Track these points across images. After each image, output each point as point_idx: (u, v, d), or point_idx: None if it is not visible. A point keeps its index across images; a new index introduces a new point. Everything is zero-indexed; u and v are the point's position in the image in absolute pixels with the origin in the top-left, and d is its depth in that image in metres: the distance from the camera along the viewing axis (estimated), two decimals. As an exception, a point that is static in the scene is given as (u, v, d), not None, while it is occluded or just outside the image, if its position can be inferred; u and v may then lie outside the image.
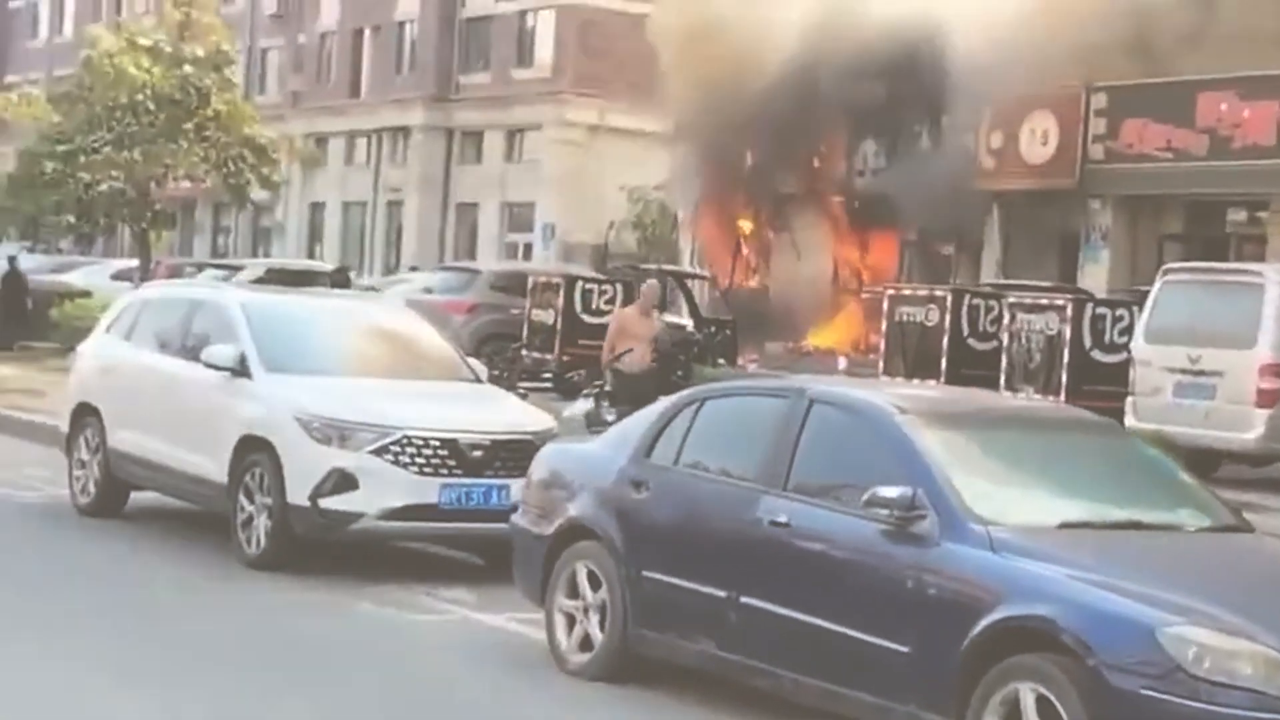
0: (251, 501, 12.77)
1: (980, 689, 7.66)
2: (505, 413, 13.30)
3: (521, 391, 19.22)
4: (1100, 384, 19.78)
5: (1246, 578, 7.93)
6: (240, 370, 13.24)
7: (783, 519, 8.74)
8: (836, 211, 39.86)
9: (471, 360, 14.73)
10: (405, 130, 54.93)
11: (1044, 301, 21.19)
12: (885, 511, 8.20)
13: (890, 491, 8.15)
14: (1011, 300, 21.34)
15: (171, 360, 14.17)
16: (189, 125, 32.10)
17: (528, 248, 50.21)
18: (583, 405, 19.70)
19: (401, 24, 55.74)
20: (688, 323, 27.91)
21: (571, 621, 9.90)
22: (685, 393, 10.24)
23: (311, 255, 55.45)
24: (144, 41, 33.42)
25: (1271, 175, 32.54)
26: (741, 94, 38.79)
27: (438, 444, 12.46)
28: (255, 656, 10.15)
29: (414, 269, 43.00)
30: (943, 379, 21.29)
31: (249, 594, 11.93)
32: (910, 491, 8.13)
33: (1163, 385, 18.57)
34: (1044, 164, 36.24)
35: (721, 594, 8.96)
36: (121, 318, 15.35)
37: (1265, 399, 17.90)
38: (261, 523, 12.69)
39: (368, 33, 57.18)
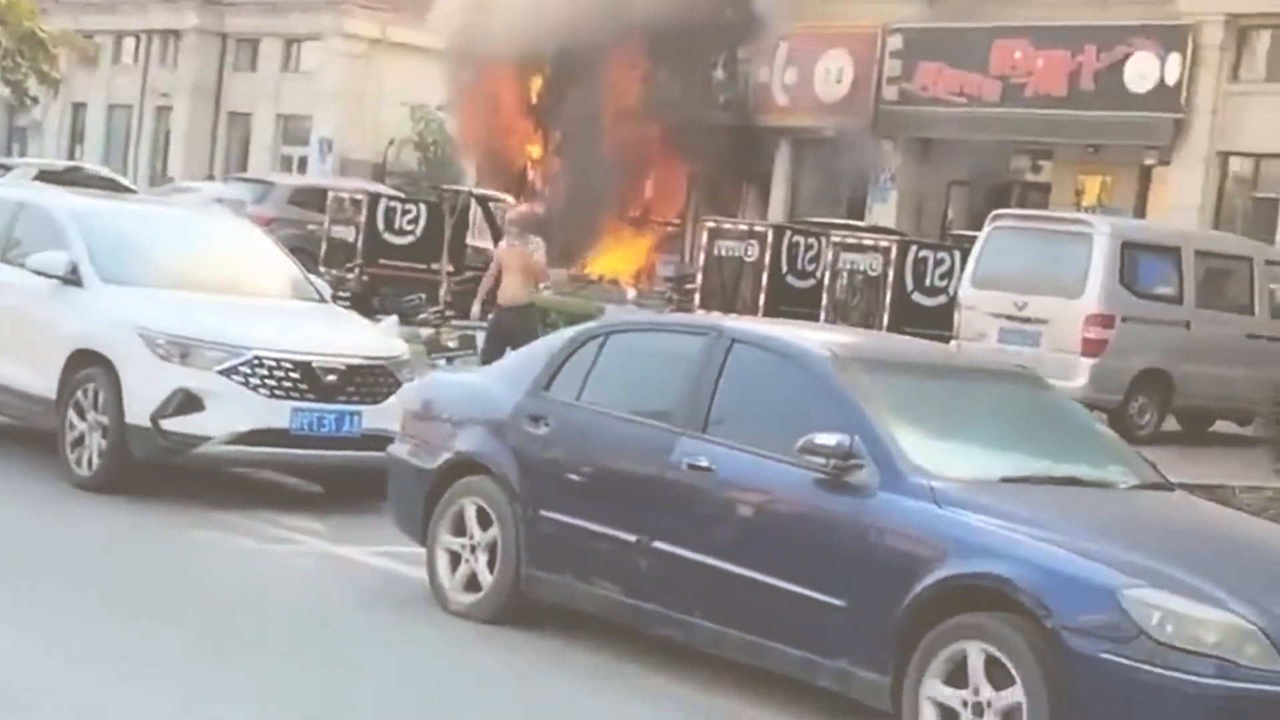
0: (83, 419, 12.03)
1: (923, 646, 7.39)
2: (358, 335, 12.72)
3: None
4: (920, 326, 19.74)
5: (1197, 539, 7.77)
6: (71, 279, 12.46)
7: (703, 463, 8.36)
8: (625, 139, 39.51)
9: (314, 278, 14.09)
10: (176, 33, 53.23)
11: (867, 242, 21.12)
12: (820, 460, 7.86)
13: (827, 439, 7.82)
14: (834, 240, 21.23)
15: (-9, 265, 13.29)
16: (-38, 17, 30.57)
17: (303, 161, 49.04)
18: (389, 325, 19.06)
19: (176, -79, 53.92)
20: (489, 246, 27.35)
21: (456, 560, 9.43)
22: (587, 325, 9.81)
23: (72, 157, 53.52)
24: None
25: (1060, 124, 33.03)
26: (530, 12, 38.25)
27: (290, 366, 11.84)
28: (107, 584, 9.45)
29: (209, 178, 41.67)
30: (760, 314, 21.11)
31: (85, 518, 11.21)
32: (848, 439, 7.80)
33: (987, 330, 18.60)
34: (837, 103, 36.38)
35: (631, 538, 8.56)
36: (-74, 218, 14.34)
37: (1090, 348, 18.02)
38: (94, 442, 11.96)
39: (139, -72, 55.23)
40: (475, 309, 16.84)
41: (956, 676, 7.32)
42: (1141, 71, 31.72)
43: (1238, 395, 19.17)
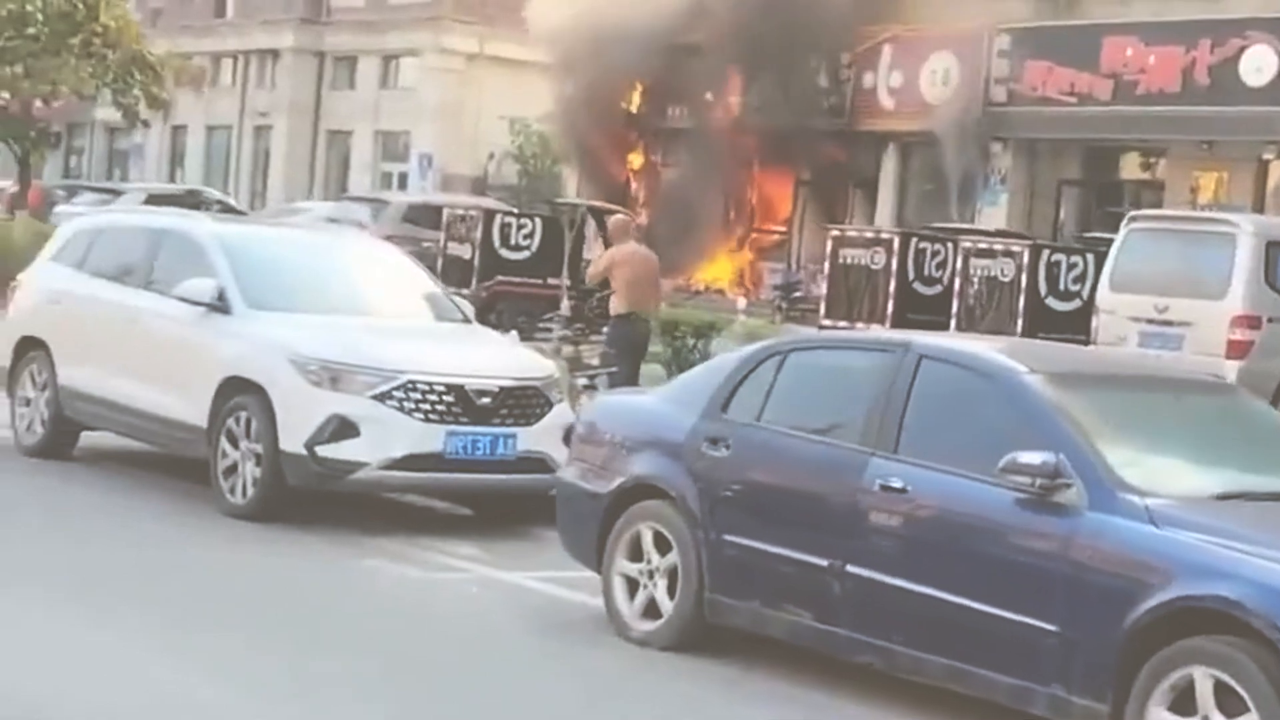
0: (235, 447, 11.93)
1: (1145, 673, 7.12)
2: (509, 357, 12.57)
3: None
4: (1055, 331, 19.38)
5: None
6: (219, 306, 12.37)
7: (897, 484, 8.12)
8: (727, 148, 39.28)
9: (458, 299, 13.95)
10: (274, 53, 53.49)
11: (999, 247, 20.77)
12: (1025, 479, 7.60)
13: (1032, 458, 7.56)
14: (964, 245, 20.89)
15: (134, 293, 13.21)
16: (74, 40, 30.61)
17: (403, 177, 49.11)
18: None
19: (271, -56, 54.19)
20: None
21: (634, 586, 9.23)
22: (763, 344, 9.56)
23: (172, 180, 53.91)
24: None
25: (1173, 121, 32.51)
26: (629, 24, 38.11)
27: (443, 389, 11.71)
28: (285, 616, 9.35)
29: (309, 197, 41.71)
30: (888, 323, 20.80)
31: (246, 547, 11.10)
32: (1054, 458, 7.54)
33: (1127, 335, 18.19)
34: (944, 104, 35.96)
35: (823, 562, 8.32)
36: (70, 246, 14.31)
37: (1235, 350, 17.58)
38: (248, 470, 11.86)
39: (234, -49, 55.61)
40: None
41: (1182, 704, 7.05)
42: (1257, 65, 31.14)
43: (1385, 395, 18.70)
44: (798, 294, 36.11)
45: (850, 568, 8.22)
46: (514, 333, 17.87)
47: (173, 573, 10.21)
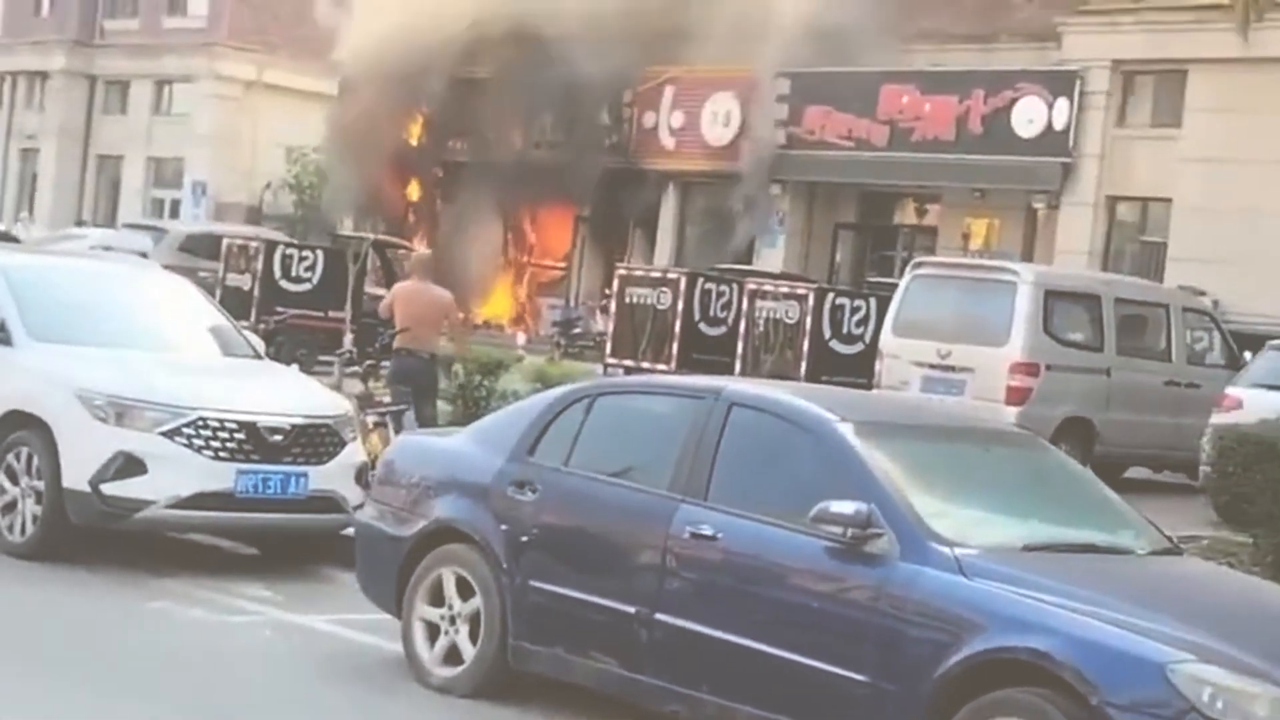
0: (15, 484, 11.56)
1: (955, 724, 7.15)
2: (301, 394, 12.31)
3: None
4: (839, 374, 19.60)
5: (1226, 607, 7.59)
6: (0, 337, 11.97)
7: (707, 531, 8.08)
8: (507, 182, 39.20)
9: (247, 332, 13.67)
10: (43, 75, 52.25)
11: (783, 289, 20.97)
12: (837, 529, 7.61)
13: (844, 507, 7.57)
14: (750, 287, 21.05)
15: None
16: None
17: (175, 204, 48.26)
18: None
19: (41, -38, 53.03)
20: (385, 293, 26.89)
21: (435, 631, 9.07)
22: (571, 387, 9.48)
23: (-69, 201, 52.36)
24: None
25: (947, 169, 33.17)
26: (413, 56, 37.89)
27: (235, 426, 11.44)
28: (65, 660, 9.01)
29: (80, 223, 40.77)
30: (674, 363, 20.89)
31: (25, 587, 10.73)
32: (865, 508, 7.56)
33: (910, 379, 18.48)
34: (724, 146, 36.30)
35: (630, 609, 8.25)
36: None
37: (1015, 396, 17.96)
38: (27, 508, 11.51)
39: (3, -31, 54.25)
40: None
41: (991, 754, 7.08)
42: (1029, 116, 31.94)
43: (1156, 442, 19.20)
44: (577, 330, 36.15)
45: (659, 615, 8.15)
46: (294, 366, 17.56)
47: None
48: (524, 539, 8.76)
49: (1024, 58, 32.91)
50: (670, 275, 22.69)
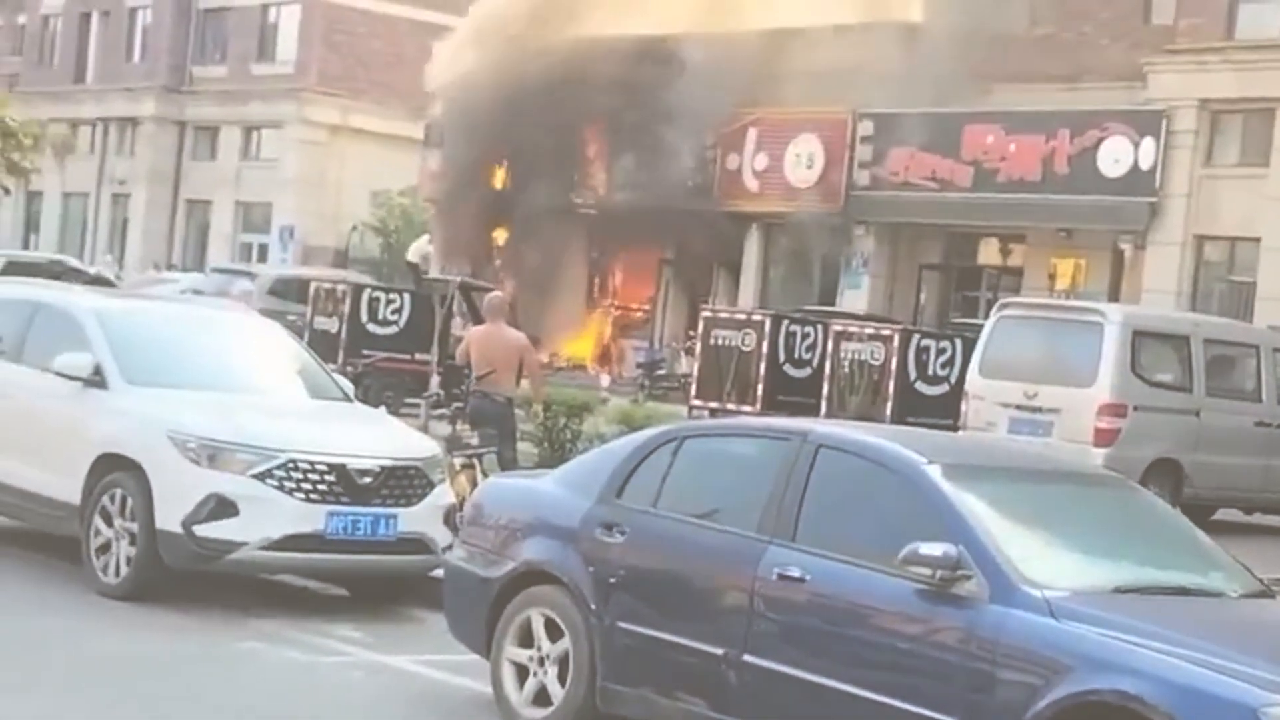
0: (109, 525, 11.70)
1: (1046, 766, 7.12)
2: (391, 436, 12.41)
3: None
4: (924, 415, 19.58)
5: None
6: (95, 381, 12.14)
7: (795, 573, 8.10)
8: (592, 225, 39.43)
9: (336, 375, 13.81)
10: (134, 121, 52.99)
11: (869, 331, 20.97)
12: (926, 570, 7.61)
13: (933, 549, 7.57)
14: (835, 329, 21.06)
15: (5, 366, 12.95)
16: (-69, 107, 30.17)
17: (263, 249, 48.78)
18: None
19: (133, 10, 53.77)
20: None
21: (523, 673, 9.12)
22: (659, 429, 9.52)
23: (26, 247, 53.08)
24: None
25: (1032, 209, 33.10)
26: (499, 103, 38.17)
27: (325, 469, 11.55)
28: (158, 700, 9.13)
29: (171, 266, 41.21)
30: (759, 405, 20.90)
31: (119, 628, 10.85)
32: (954, 550, 7.56)
33: (996, 420, 18.42)
34: (808, 188, 36.34)
35: (718, 651, 8.27)
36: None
37: (1103, 438, 17.87)
38: (122, 549, 11.63)
39: (95, 17, 55.04)
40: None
41: (1081, 797, 7.06)
42: (1115, 156, 31.84)
43: (1246, 484, 19.05)
44: (661, 372, 36.24)
45: (746, 657, 8.17)
46: (382, 408, 17.68)
47: (47, 655, 9.96)
48: (612, 581, 8.80)
49: (1110, 97, 32.80)
50: (755, 317, 22.72)
